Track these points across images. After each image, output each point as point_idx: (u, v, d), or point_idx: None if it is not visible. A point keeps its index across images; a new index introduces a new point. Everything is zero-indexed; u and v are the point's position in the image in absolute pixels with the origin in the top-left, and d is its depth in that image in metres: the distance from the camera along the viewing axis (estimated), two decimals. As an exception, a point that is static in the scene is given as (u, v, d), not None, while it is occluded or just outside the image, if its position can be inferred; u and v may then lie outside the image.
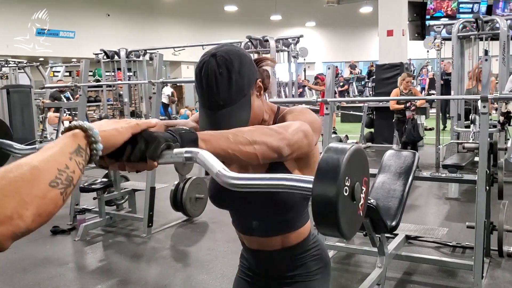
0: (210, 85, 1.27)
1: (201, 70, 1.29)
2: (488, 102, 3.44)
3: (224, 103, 1.27)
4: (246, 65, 1.32)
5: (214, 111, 1.29)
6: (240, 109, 1.30)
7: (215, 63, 1.28)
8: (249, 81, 1.32)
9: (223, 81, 1.27)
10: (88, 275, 4.01)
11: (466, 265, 3.56)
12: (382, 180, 3.62)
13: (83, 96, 5.48)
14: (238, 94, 1.29)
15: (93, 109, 16.47)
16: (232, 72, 1.27)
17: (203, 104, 1.32)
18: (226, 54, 1.29)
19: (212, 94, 1.27)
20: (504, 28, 6.83)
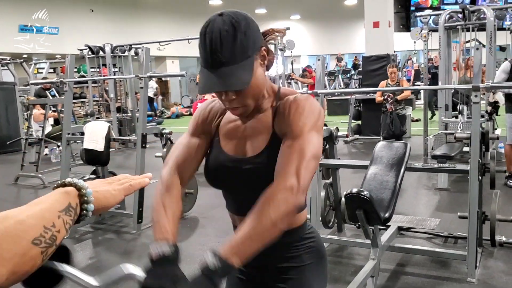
0: (214, 43, 1.22)
1: (206, 28, 1.25)
2: (480, 91, 3.44)
3: (226, 60, 1.22)
4: (253, 29, 1.28)
5: (215, 69, 1.24)
6: (242, 69, 1.25)
7: (221, 21, 1.24)
8: (254, 44, 1.28)
9: (228, 39, 1.22)
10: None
11: (459, 255, 3.56)
12: (374, 171, 3.60)
13: (69, 92, 5.38)
14: (241, 54, 1.24)
15: (79, 105, 16.31)
16: (238, 31, 1.23)
17: (204, 64, 1.26)
18: (234, 14, 1.26)
19: (215, 51, 1.22)
20: (491, 18, 6.84)
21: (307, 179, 1.21)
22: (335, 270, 3.67)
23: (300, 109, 1.31)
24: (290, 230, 1.41)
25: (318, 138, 1.29)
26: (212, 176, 1.45)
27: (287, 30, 9.10)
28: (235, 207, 1.48)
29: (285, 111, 1.33)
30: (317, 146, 1.27)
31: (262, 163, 1.34)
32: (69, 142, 5.39)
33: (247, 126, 1.41)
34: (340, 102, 13.94)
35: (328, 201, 4.30)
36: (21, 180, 7.48)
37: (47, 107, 7.96)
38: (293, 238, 1.43)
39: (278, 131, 1.34)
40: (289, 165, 1.22)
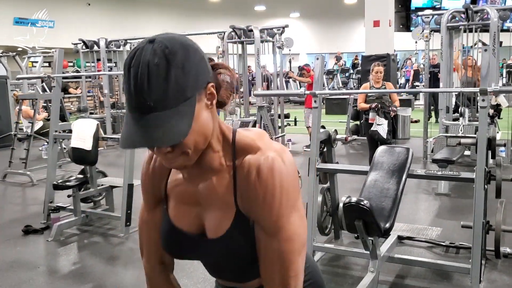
0: (140, 80, 0.92)
1: (132, 60, 0.94)
2: (487, 95, 3.25)
3: (156, 104, 0.93)
4: (194, 60, 0.98)
5: (141, 114, 0.94)
6: (178, 115, 0.94)
7: (151, 51, 0.93)
8: (195, 81, 0.97)
9: (158, 76, 0.92)
10: (60, 279, 3.75)
11: (463, 268, 3.37)
12: (375, 178, 3.41)
13: (57, 88, 5.17)
14: (177, 95, 0.94)
15: (73, 100, 16.09)
16: (172, 65, 0.93)
17: (129, 106, 0.96)
18: (168, 41, 0.95)
19: (141, 92, 0.92)
20: (495, 19, 6.67)
21: (299, 285, 1.09)
22: (331, 282, 3.47)
23: (270, 190, 1.03)
24: None
25: (300, 219, 1.08)
26: (170, 251, 1.23)
27: (286, 28, 8.96)
28: (210, 272, 1.29)
29: (249, 188, 1.06)
30: (302, 232, 1.08)
31: (228, 247, 1.11)
32: (57, 140, 5.18)
33: (200, 192, 1.13)
34: (339, 101, 13.77)
35: (325, 207, 4.12)
36: (9, 177, 7.27)
37: (36, 102, 7.74)
38: None
39: (245, 211, 1.08)
40: (274, 279, 1.07)
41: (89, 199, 5.34)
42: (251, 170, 1.05)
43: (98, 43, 10.48)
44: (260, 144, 1.08)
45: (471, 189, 3.39)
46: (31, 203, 6.10)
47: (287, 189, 1.05)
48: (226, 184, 1.09)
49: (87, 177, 5.01)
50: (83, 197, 5.01)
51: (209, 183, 1.11)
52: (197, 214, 1.15)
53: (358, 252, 3.61)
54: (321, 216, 4.00)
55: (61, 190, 4.79)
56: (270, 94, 8.55)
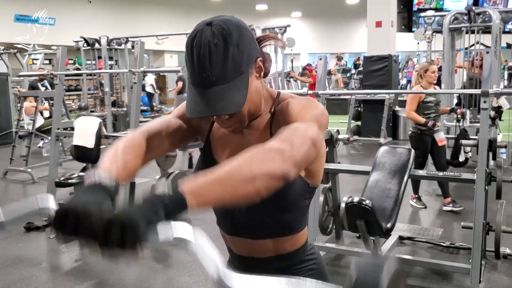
0: (202, 58, 1.06)
1: (193, 40, 1.08)
2: (489, 97, 3.26)
3: (217, 79, 1.07)
4: (247, 39, 1.11)
5: (204, 88, 1.09)
6: (235, 88, 1.09)
7: (210, 32, 1.07)
8: (248, 58, 1.12)
9: (218, 54, 1.06)
10: (62, 276, 3.76)
11: (463, 268, 3.39)
12: (376, 178, 3.43)
13: (59, 85, 5.18)
14: (234, 70, 1.08)
15: (73, 98, 16.11)
16: (229, 44, 1.07)
17: (192, 81, 1.11)
18: (224, 23, 1.09)
19: (203, 69, 1.07)
20: (497, 21, 6.68)
21: (301, 154, 1.01)
22: (332, 281, 3.46)
23: (301, 104, 1.17)
24: (291, 252, 1.29)
25: (319, 130, 1.10)
26: None
27: (287, 27, 8.99)
28: (227, 226, 1.32)
29: (283, 111, 1.19)
30: (317, 134, 1.08)
31: None
32: (59, 137, 5.19)
33: (243, 135, 1.25)
34: (340, 101, 13.77)
35: (326, 207, 4.13)
36: (10, 174, 7.28)
37: (38, 100, 7.76)
38: (294, 261, 1.30)
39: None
40: (282, 135, 1.04)
41: (90, 197, 5.35)
42: (285, 103, 1.21)
43: (99, 41, 10.49)
44: (297, 96, 1.24)
45: (471, 190, 3.41)
46: (32, 200, 6.11)
47: (315, 108, 1.16)
48: (266, 122, 1.24)
49: (88, 174, 5.01)
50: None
51: (253, 127, 1.24)
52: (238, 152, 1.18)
53: (359, 252, 3.63)
54: (322, 216, 4.01)
55: (63, 188, 4.80)
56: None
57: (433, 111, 5.00)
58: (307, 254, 1.32)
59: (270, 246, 1.26)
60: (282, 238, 1.27)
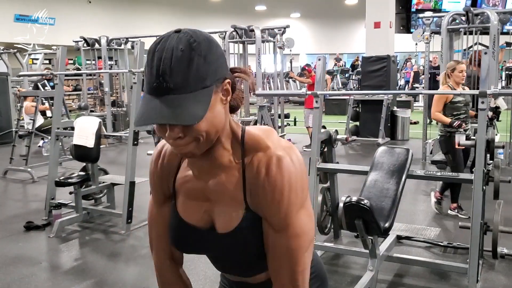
0: (163, 63, 0.95)
1: (157, 45, 0.98)
2: (487, 98, 3.29)
3: (176, 87, 0.95)
4: (216, 54, 1.01)
5: (159, 96, 0.96)
6: (195, 100, 0.96)
7: (177, 39, 0.98)
8: (214, 73, 1.00)
9: (182, 61, 0.95)
10: (62, 275, 3.78)
11: (460, 268, 3.41)
12: (375, 178, 3.45)
13: (59, 85, 5.20)
14: (197, 82, 0.97)
15: (73, 98, 16.11)
16: (195, 53, 0.97)
17: (148, 89, 0.98)
18: (194, 33, 1.00)
19: (163, 74, 0.95)
20: (495, 22, 6.71)
21: (306, 280, 1.12)
22: (330, 279, 3.51)
23: (279, 188, 1.06)
24: None
25: (308, 216, 1.11)
26: (178, 246, 1.26)
27: (287, 28, 9.00)
28: (217, 267, 1.33)
29: (258, 186, 1.08)
30: (309, 229, 1.11)
31: (238, 242, 1.14)
32: (59, 137, 5.21)
33: (209, 188, 1.15)
34: (338, 102, 13.81)
35: (325, 206, 4.15)
36: (10, 173, 7.30)
37: (38, 99, 7.77)
38: None
39: (254, 208, 1.11)
40: (282, 274, 1.11)
41: (90, 196, 5.37)
42: (260, 168, 1.07)
43: (99, 41, 10.51)
44: (269, 142, 1.10)
45: (469, 191, 3.43)
46: (32, 199, 6.13)
47: (295, 188, 1.07)
48: (236, 182, 1.12)
49: (88, 174, 5.04)
50: (84, 194, 5.04)
51: (219, 180, 1.13)
52: (206, 209, 1.17)
53: (357, 251, 3.65)
54: (321, 216, 4.04)
55: (63, 187, 4.82)
56: (271, 94, 8.58)
57: (462, 112, 4.82)
58: None
59: (262, 277, 1.25)
60: None
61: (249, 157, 1.10)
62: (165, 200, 1.26)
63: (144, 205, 4.84)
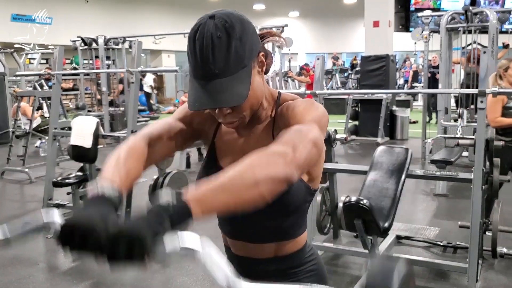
0: (205, 51, 1.05)
1: (196, 33, 1.08)
2: (486, 97, 3.27)
3: (220, 72, 1.06)
4: (249, 33, 1.11)
5: (206, 81, 1.08)
6: (238, 81, 1.09)
7: (213, 25, 1.07)
8: (250, 51, 1.11)
9: (221, 47, 1.05)
10: (60, 276, 3.76)
11: (460, 267, 3.40)
12: (374, 178, 3.43)
13: (57, 85, 5.17)
14: (237, 63, 1.08)
15: (70, 98, 16.08)
16: (232, 37, 1.06)
17: (194, 74, 1.10)
18: (227, 17, 1.09)
19: (206, 61, 1.06)
20: (494, 21, 6.69)
21: (304, 156, 1.00)
22: (330, 280, 3.48)
23: (301, 107, 1.17)
24: (291, 254, 1.28)
25: (320, 132, 1.10)
26: None
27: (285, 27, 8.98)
28: (228, 229, 1.32)
29: (285, 114, 1.19)
30: (318, 135, 1.08)
31: None
32: (56, 137, 5.19)
33: (246, 140, 1.26)
34: (337, 101, 13.80)
35: (324, 206, 4.14)
36: (7, 174, 7.27)
37: (35, 99, 7.75)
38: (293, 263, 1.29)
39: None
40: (284, 138, 1.04)
41: (87, 197, 5.34)
42: (285, 106, 1.21)
43: (96, 40, 10.48)
44: (298, 98, 1.24)
45: (468, 190, 3.42)
46: (29, 200, 6.11)
47: (316, 110, 1.15)
48: (268, 126, 1.24)
49: (86, 174, 5.01)
50: (82, 195, 5.01)
51: (255, 131, 1.25)
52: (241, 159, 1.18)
53: (357, 251, 3.64)
54: (320, 216, 4.02)
55: (61, 188, 4.80)
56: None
57: None
58: (306, 256, 1.31)
59: (271, 249, 1.26)
60: (283, 242, 1.26)
61: (281, 108, 1.23)
62: (187, 123, 1.29)
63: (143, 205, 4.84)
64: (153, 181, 4.99)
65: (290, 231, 1.26)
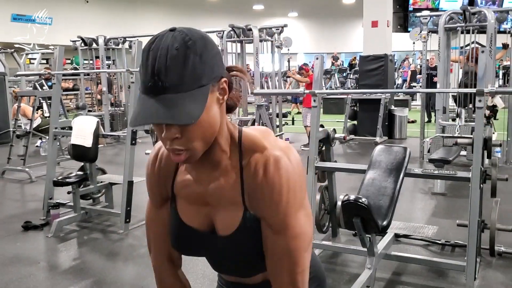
0: (158, 62, 0.93)
1: (151, 44, 0.96)
2: (484, 96, 3.30)
3: (171, 86, 0.93)
4: (212, 53, 0.99)
5: (155, 95, 0.94)
6: (191, 99, 0.94)
7: (172, 37, 0.95)
8: (211, 71, 0.98)
9: (177, 59, 0.93)
10: (60, 275, 3.78)
11: (458, 265, 3.42)
12: (372, 176, 3.46)
13: (57, 85, 5.20)
14: (193, 80, 0.95)
15: (71, 97, 16.09)
16: (191, 51, 0.94)
17: (143, 88, 0.96)
18: (189, 31, 0.98)
19: (158, 73, 0.93)
20: (492, 21, 6.72)
21: (306, 281, 1.11)
22: (328, 278, 3.52)
23: (277, 189, 1.04)
24: None
25: (307, 217, 1.10)
26: (179, 248, 1.26)
27: (284, 27, 9.00)
28: (213, 266, 1.31)
29: (256, 187, 1.06)
30: (308, 229, 1.09)
31: (238, 244, 1.13)
32: (56, 137, 5.21)
33: (208, 192, 1.14)
34: (336, 101, 13.82)
35: (323, 205, 4.16)
36: (7, 173, 7.29)
37: (35, 99, 7.76)
38: None
39: (252, 210, 1.10)
40: (282, 275, 1.10)
41: (88, 196, 5.36)
42: (258, 169, 1.06)
43: (97, 40, 10.49)
44: (266, 143, 1.08)
45: (466, 189, 3.44)
46: (30, 199, 6.13)
47: (293, 188, 1.05)
48: (234, 184, 1.10)
49: (86, 174, 5.03)
50: (82, 194, 5.04)
51: (217, 184, 1.12)
52: (206, 213, 1.16)
53: (355, 250, 3.66)
54: (319, 214, 4.04)
55: (61, 187, 4.82)
56: (270, 93, 8.59)
57: None
58: None
59: (259, 277, 1.24)
60: None
61: (246, 159, 1.09)
62: (163, 202, 1.24)
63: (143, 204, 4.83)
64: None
65: None
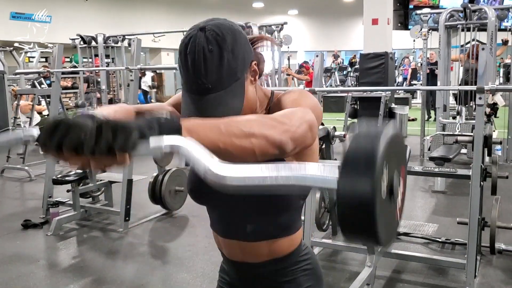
0: (197, 65, 1.05)
1: (187, 46, 1.07)
2: (485, 94, 3.29)
3: (213, 86, 1.07)
4: (241, 44, 1.11)
5: (200, 96, 1.08)
6: (231, 95, 1.09)
7: (204, 38, 1.06)
8: (243, 62, 1.11)
9: (213, 60, 1.05)
10: (60, 273, 3.78)
11: (458, 263, 3.41)
12: (372, 174, 3.44)
13: (56, 83, 5.19)
14: (230, 77, 1.08)
15: (70, 96, 16.06)
16: (224, 50, 1.06)
17: (187, 88, 1.10)
18: (218, 28, 1.08)
19: (199, 76, 1.06)
20: (492, 18, 6.70)
21: (300, 132, 0.96)
22: (328, 276, 3.51)
23: (295, 94, 1.17)
24: (286, 255, 1.26)
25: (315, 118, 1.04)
26: (196, 192, 1.27)
27: (284, 25, 8.99)
28: (220, 227, 1.30)
29: (277, 104, 1.18)
30: (313, 119, 1.02)
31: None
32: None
33: None
34: (336, 99, 13.80)
35: (323, 203, 4.15)
36: (7, 172, 7.28)
37: (34, 98, 7.75)
38: (288, 263, 1.28)
39: None
40: (282, 112, 1.02)
41: (87, 194, 5.36)
42: (278, 98, 1.21)
43: (96, 38, 10.47)
44: (290, 90, 1.23)
45: (467, 187, 3.44)
46: (29, 197, 6.12)
47: (309, 98, 1.15)
48: None
49: (86, 172, 5.02)
50: (82, 192, 5.03)
51: None
52: None
53: (356, 247, 3.65)
54: (319, 212, 4.03)
55: (61, 185, 4.81)
56: (268, 91, 8.56)
57: None
58: (301, 255, 1.30)
59: (264, 249, 1.24)
60: (276, 240, 1.24)
61: (273, 103, 1.24)
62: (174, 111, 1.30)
63: (142, 202, 4.85)
64: (153, 179, 5.02)
65: (283, 228, 1.24)
